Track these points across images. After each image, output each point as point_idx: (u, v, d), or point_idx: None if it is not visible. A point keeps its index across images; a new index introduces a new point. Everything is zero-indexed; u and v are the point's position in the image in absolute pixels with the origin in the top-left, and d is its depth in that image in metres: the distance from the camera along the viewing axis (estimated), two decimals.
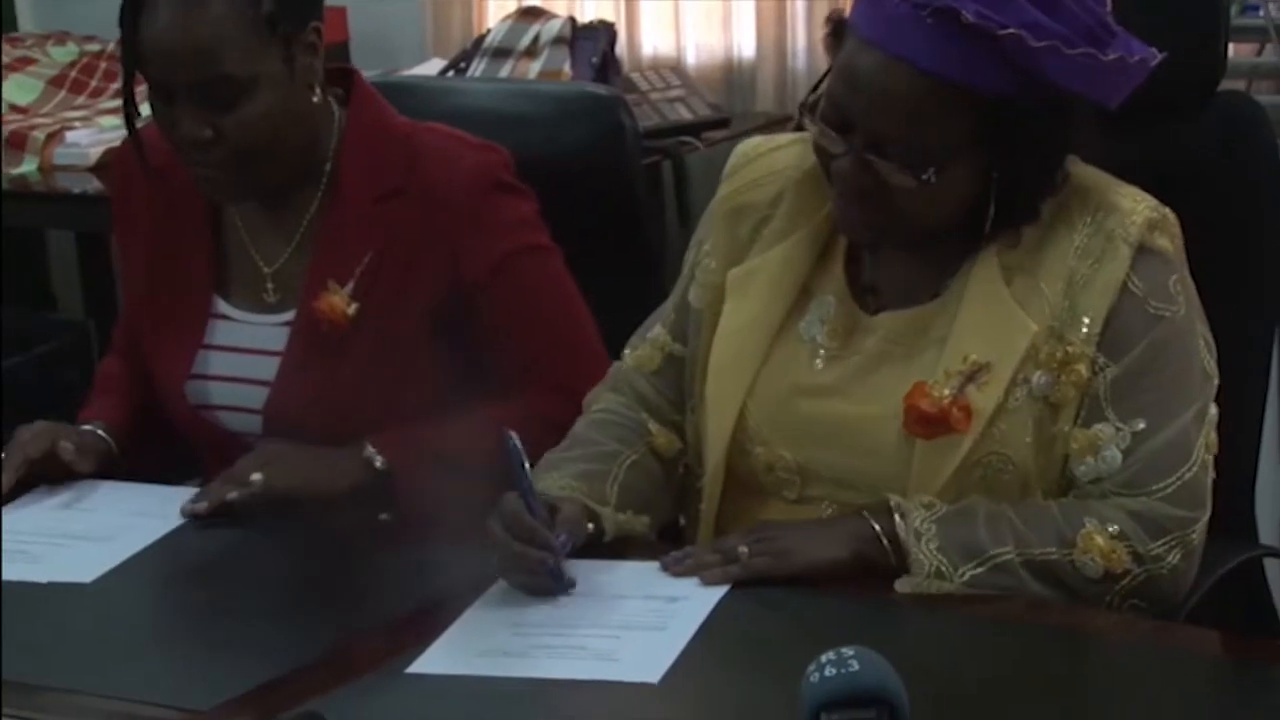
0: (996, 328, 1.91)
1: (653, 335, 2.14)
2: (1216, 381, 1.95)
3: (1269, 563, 2.33)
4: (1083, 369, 1.89)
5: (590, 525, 1.97)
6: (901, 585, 1.87)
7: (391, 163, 2.29)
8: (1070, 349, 1.89)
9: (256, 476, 2.15)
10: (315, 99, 2.26)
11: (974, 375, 1.90)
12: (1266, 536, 2.70)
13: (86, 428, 2.30)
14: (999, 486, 1.91)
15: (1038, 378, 1.90)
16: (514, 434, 1.88)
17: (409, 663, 1.77)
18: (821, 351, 2.00)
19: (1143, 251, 1.91)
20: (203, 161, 2.20)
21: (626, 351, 2.16)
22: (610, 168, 2.54)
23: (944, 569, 1.86)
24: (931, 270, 1.97)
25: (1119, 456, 1.89)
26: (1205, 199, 2.08)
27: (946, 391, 1.90)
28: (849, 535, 1.90)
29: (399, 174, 2.28)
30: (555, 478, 2.01)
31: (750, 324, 2.02)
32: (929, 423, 1.90)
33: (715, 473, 2.02)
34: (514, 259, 2.30)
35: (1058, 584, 1.87)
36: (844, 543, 1.89)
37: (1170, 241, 1.93)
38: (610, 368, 2.18)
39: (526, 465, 1.89)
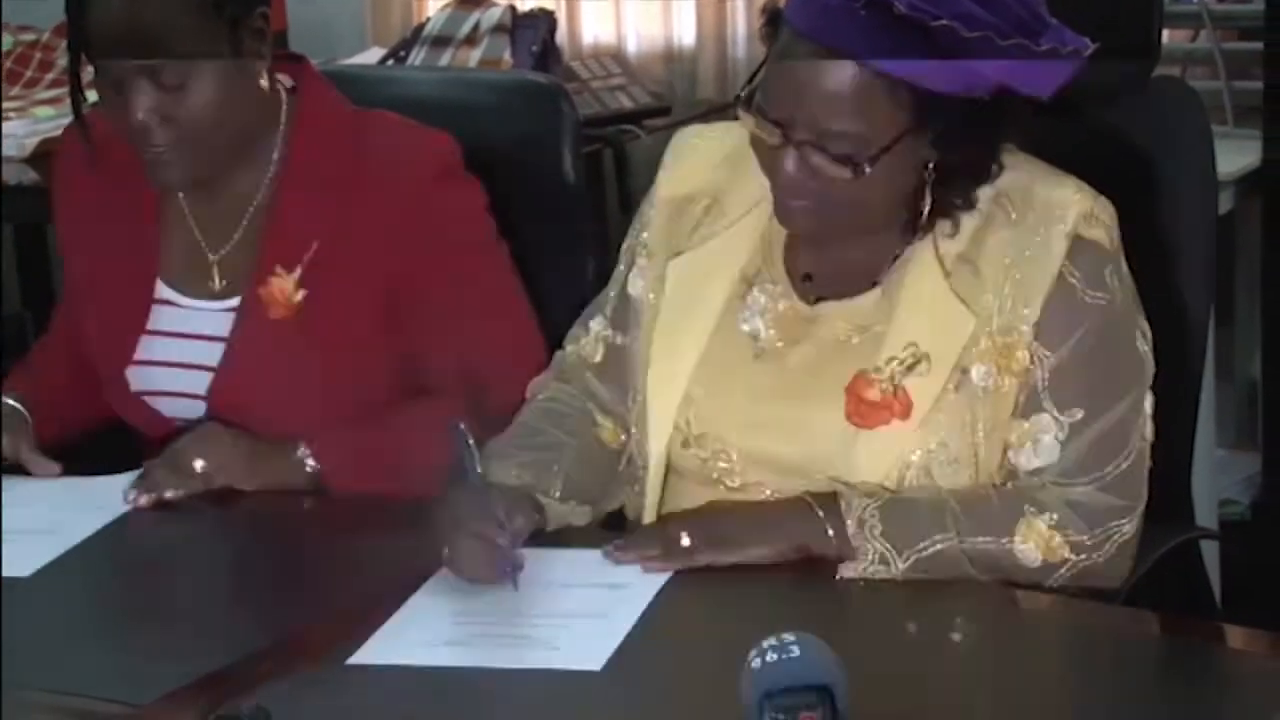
0: (936, 319, 1.92)
1: (594, 326, 2.14)
2: (1153, 370, 1.96)
3: (1205, 545, 2.35)
4: (1021, 359, 1.90)
5: (536, 515, 1.97)
6: (845, 571, 1.87)
7: (340, 150, 2.29)
8: (1009, 339, 1.90)
9: (198, 465, 2.14)
10: (263, 84, 2.25)
11: (914, 365, 1.91)
12: (1203, 519, 2.73)
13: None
14: (940, 476, 1.91)
15: (977, 368, 1.91)
16: (463, 424, 1.87)
17: (351, 654, 1.76)
18: (761, 342, 2.00)
19: (1079, 241, 1.91)
20: (152, 146, 2.20)
21: (568, 342, 2.16)
22: (551, 156, 2.53)
23: (887, 556, 1.86)
24: (870, 260, 1.98)
25: (1057, 446, 1.90)
26: (1141, 186, 2.09)
27: (887, 382, 1.90)
28: (791, 521, 1.91)
29: (347, 161, 2.28)
30: (501, 467, 2.00)
31: (690, 314, 2.02)
32: (870, 412, 1.90)
33: (657, 464, 2.02)
34: (458, 249, 2.29)
35: (997, 572, 1.88)
36: (786, 529, 1.90)
37: (1106, 231, 1.93)
38: (554, 357, 2.18)
39: (476, 456, 1.88)
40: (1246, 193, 3.26)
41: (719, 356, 2.01)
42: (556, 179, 2.56)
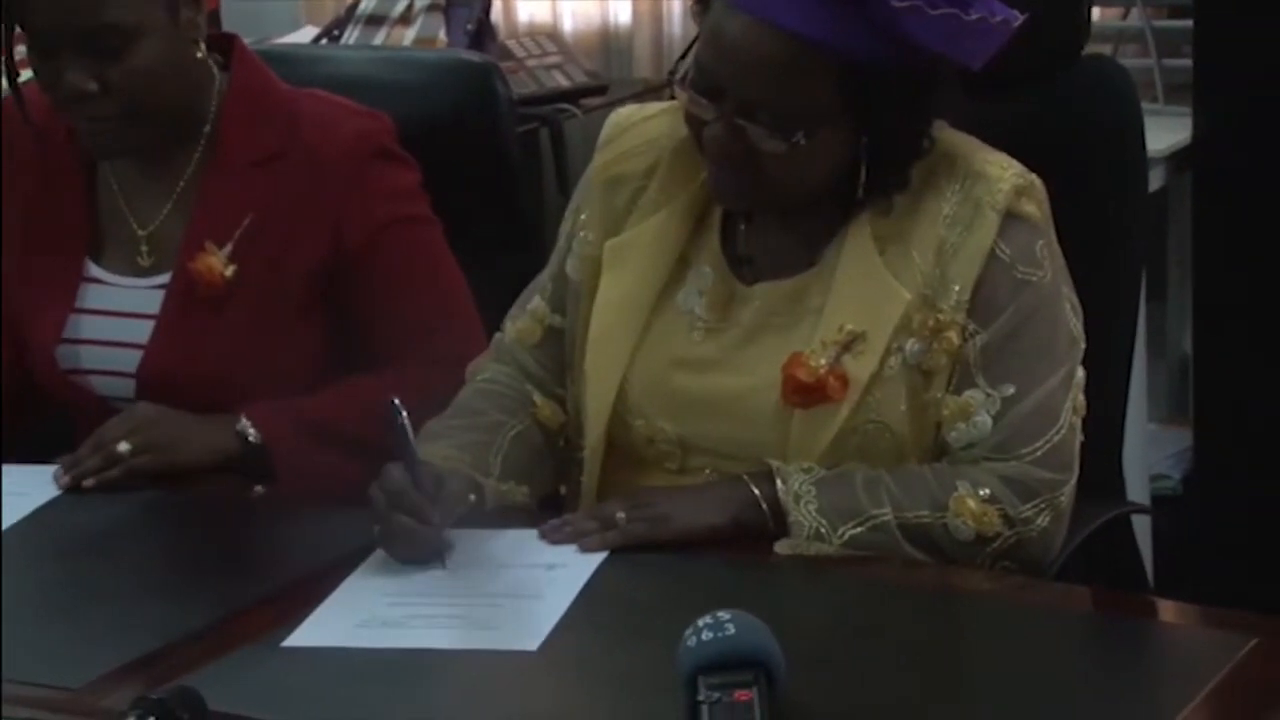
0: (870, 297, 1.92)
1: (532, 307, 2.13)
2: (1083, 345, 1.96)
3: (1136, 520, 2.36)
4: (953, 336, 1.90)
5: (472, 495, 1.96)
6: (781, 547, 1.88)
7: (272, 126, 2.27)
8: (941, 316, 1.90)
9: (123, 447, 2.12)
10: (199, 55, 2.24)
11: (849, 345, 1.91)
12: (1135, 494, 2.75)
13: None
14: (875, 453, 1.92)
15: (911, 345, 1.91)
16: (397, 403, 1.87)
17: (285, 636, 1.75)
18: (699, 323, 2.00)
19: (1009, 218, 1.92)
20: (88, 115, 2.18)
21: (506, 323, 2.15)
22: (485, 136, 2.53)
23: (823, 530, 1.87)
24: (806, 240, 1.98)
25: (989, 422, 1.91)
26: (1070, 163, 2.09)
27: (823, 361, 1.90)
28: (727, 499, 1.90)
29: (280, 137, 2.27)
30: (439, 447, 1.99)
31: (628, 296, 2.02)
32: (806, 392, 1.90)
33: (596, 445, 2.01)
34: (392, 228, 2.28)
35: (931, 546, 1.88)
36: (722, 507, 1.90)
37: (1037, 207, 1.94)
38: (492, 339, 2.17)
39: (411, 434, 1.87)
40: (1177, 169, 3.29)
41: (657, 338, 2.01)
42: (492, 159, 2.55)
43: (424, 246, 2.31)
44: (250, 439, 2.18)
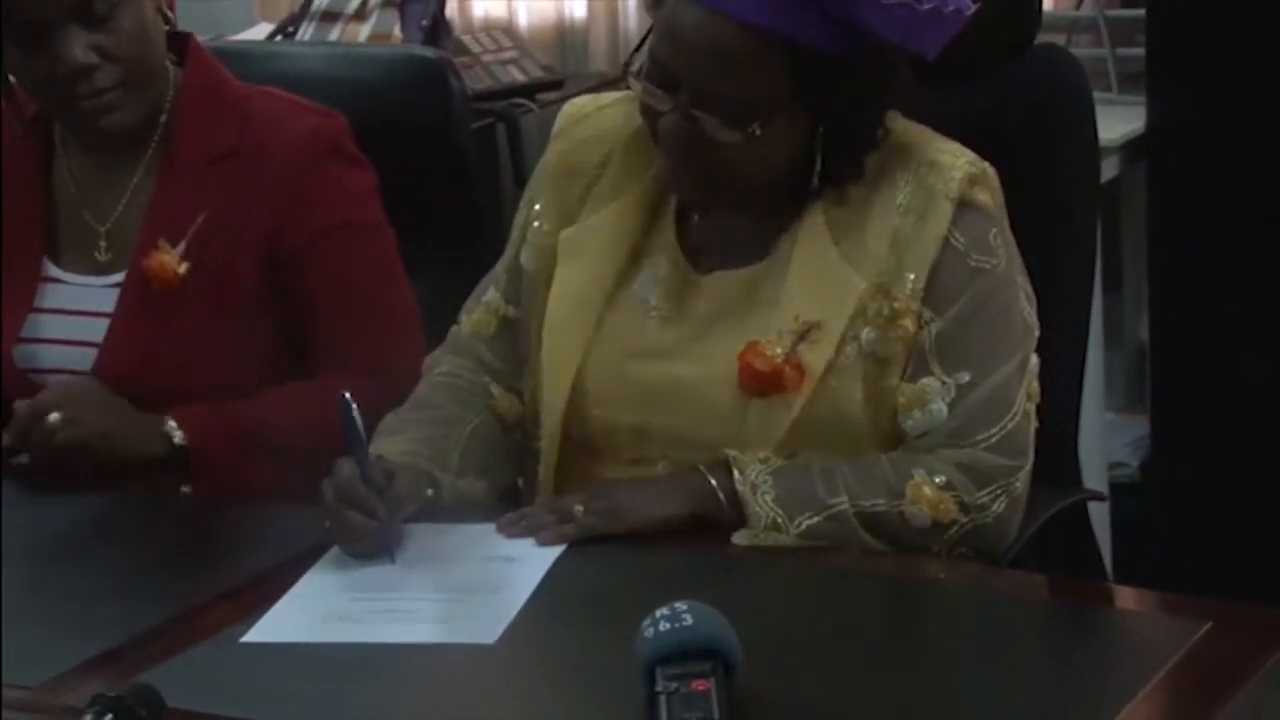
0: (826, 286, 1.92)
1: (487, 299, 2.13)
2: (1037, 332, 1.98)
3: (1095, 508, 2.37)
4: (909, 324, 1.92)
5: (430, 490, 1.97)
6: (739, 538, 1.88)
7: (226, 123, 2.27)
8: (896, 305, 1.91)
9: (54, 417, 2.11)
10: (166, 29, 2.25)
11: (805, 334, 1.92)
12: (1093, 482, 2.76)
13: None
14: (832, 443, 1.92)
15: (866, 334, 1.92)
16: (349, 395, 1.87)
17: (244, 631, 1.75)
18: (655, 314, 2.00)
19: (963, 206, 1.93)
20: (91, 89, 2.18)
21: (462, 316, 2.15)
22: (440, 131, 2.52)
23: (780, 520, 1.87)
24: (761, 230, 1.98)
25: (944, 409, 1.92)
26: (1023, 153, 2.10)
27: (779, 350, 1.91)
28: (684, 491, 1.91)
29: (233, 135, 2.26)
30: (396, 442, 2.00)
31: (583, 287, 2.02)
32: (763, 382, 1.91)
33: (553, 436, 2.02)
34: (333, 233, 2.27)
35: (888, 535, 1.89)
36: (679, 498, 1.91)
37: (990, 196, 1.95)
38: (449, 332, 2.17)
39: (361, 429, 1.87)
40: (1131, 158, 3.30)
41: (612, 329, 2.01)
42: (447, 154, 2.55)
43: (366, 253, 2.30)
44: (175, 441, 2.18)
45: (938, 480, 1.90)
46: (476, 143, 2.70)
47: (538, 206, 2.09)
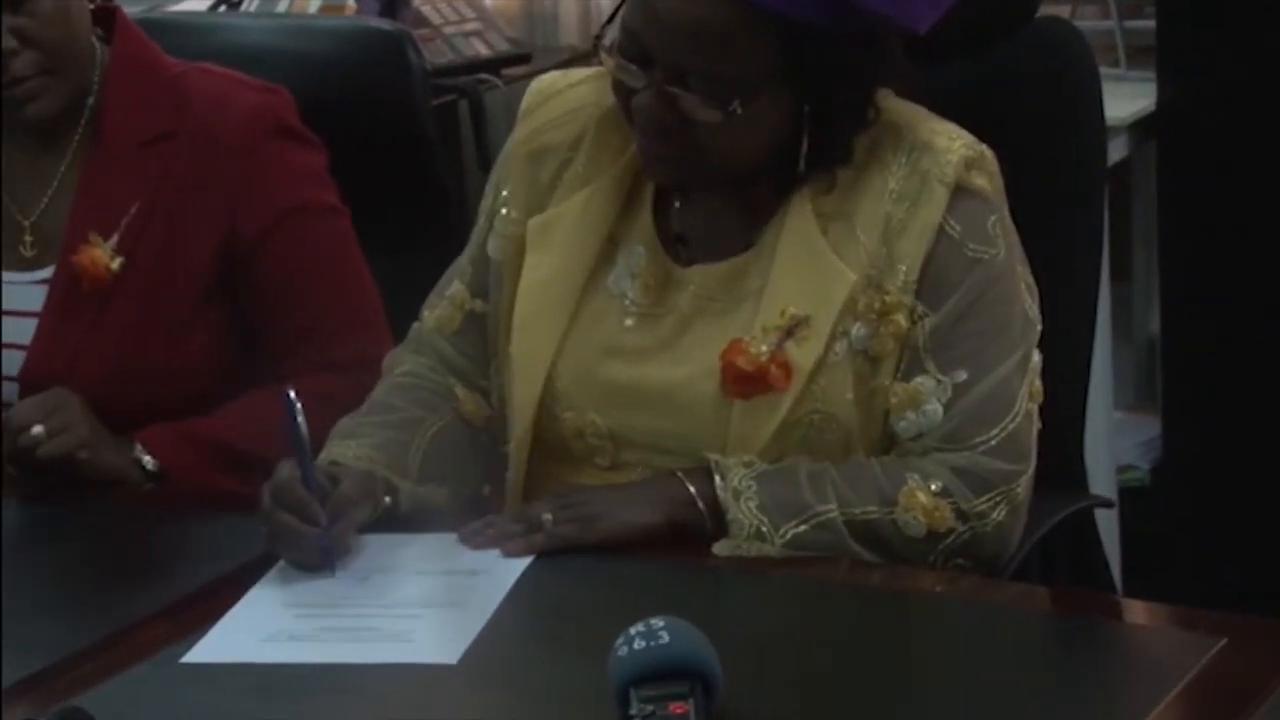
0: (814, 279, 1.93)
1: (451, 293, 2.13)
2: (1040, 327, 1.98)
3: (1103, 514, 2.38)
4: (901, 319, 1.92)
5: (388, 498, 1.97)
6: (720, 548, 1.88)
7: (160, 103, 2.27)
8: (888, 298, 1.92)
9: (38, 430, 2.11)
10: (91, 4, 2.24)
11: (792, 330, 1.92)
12: (1100, 486, 2.77)
13: None
14: (820, 446, 1.93)
15: (856, 330, 1.92)
16: (293, 394, 1.87)
17: (185, 651, 1.75)
18: (632, 308, 2.00)
19: (959, 192, 1.93)
20: (11, 77, 2.18)
21: (424, 311, 2.15)
22: (397, 110, 2.53)
23: (764, 529, 1.88)
24: (743, 219, 1.99)
25: (940, 410, 1.92)
26: (1023, 134, 2.11)
27: (764, 348, 1.91)
28: (661, 498, 1.91)
29: (168, 116, 2.26)
30: (351, 446, 2.00)
31: (554, 278, 2.02)
32: (747, 382, 1.91)
33: (522, 439, 2.02)
34: (292, 217, 2.28)
35: (880, 544, 1.89)
36: (656, 506, 1.91)
37: (988, 180, 1.95)
38: (410, 329, 2.16)
39: (304, 429, 1.87)
40: (1141, 139, 3.31)
41: (587, 323, 2.01)
42: (406, 135, 2.55)
43: (326, 239, 2.31)
44: (148, 467, 2.18)
45: (933, 486, 1.90)
46: (437, 122, 2.70)
47: (505, 192, 2.09)
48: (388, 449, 2.01)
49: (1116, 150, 3.15)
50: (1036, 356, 1.97)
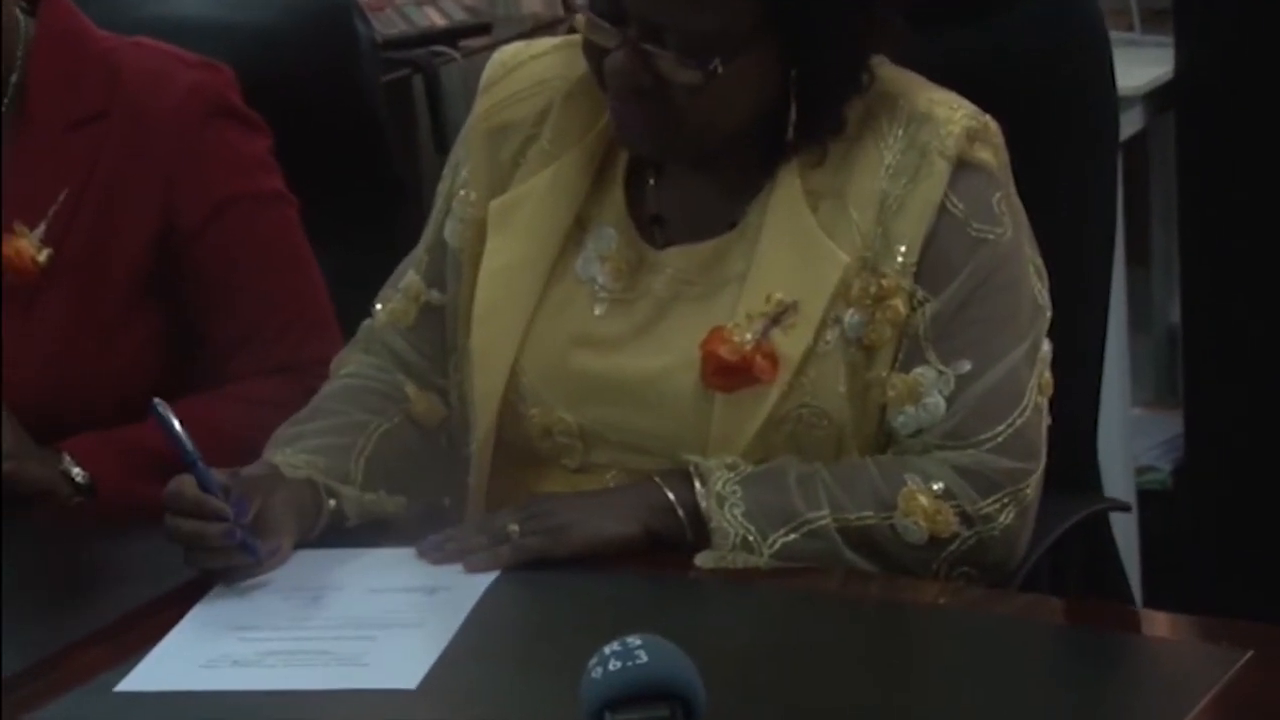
0: (803, 261, 1.93)
1: (405, 284, 2.13)
2: (1050, 313, 1.99)
3: (1120, 519, 2.39)
4: (899, 305, 1.92)
5: (332, 501, 1.97)
6: (704, 560, 1.89)
7: (90, 81, 2.27)
8: (885, 282, 1.92)
9: None
10: None
11: (779, 317, 1.92)
12: (1117, 489, 2.78)
13: None
14: (810, 444, 1.93)
15: (850, 317, 1.93)
16: (160, 401, 1.88)
17: (120, 678, 1.76)
18: (603, 294, 2.01)
19: (961, 167, 1.94)
20: None
21: (377, 306, 2.15)
22: (345, 86, 2.53)
23: (751, 538, 1.88)
24: (726, 197, 1.99)
25: (942, 404, 1.93)
26: (1029, 104, 2.12)
27: (748, 336, 1.92)
28: (637, 506, 1.92)
29: (99, 94, 2.26)
30: (286, 454, 2.00)
31: (518, 263, 2.02)
32: (730, 373, 1.92)
33: (485, 438, 2.02)
34: (234, 206, 2.28)
35: (878, 552, 1.90)
36: (631, 515, 1.91)
37: (993, 154, 1.96)
38: (360, 327, 2.17)
39: (180, 431, 1.88)
40: (1157, 109, 3.32)
41: (554, 311, 2.02)
42: (354, 113, 2.56)
43: (271, 230, 2.31)
44: (77, 479, 2.18)
45: (934, 488, 1.91)
46: (388, 100, 2.71)
47: (464, 172, 2.09)
48: (327, 454, 2.01)
49: (1130, 122, 3.16)
50: (1046, 346, 1.98)
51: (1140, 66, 3.22)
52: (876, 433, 1.95)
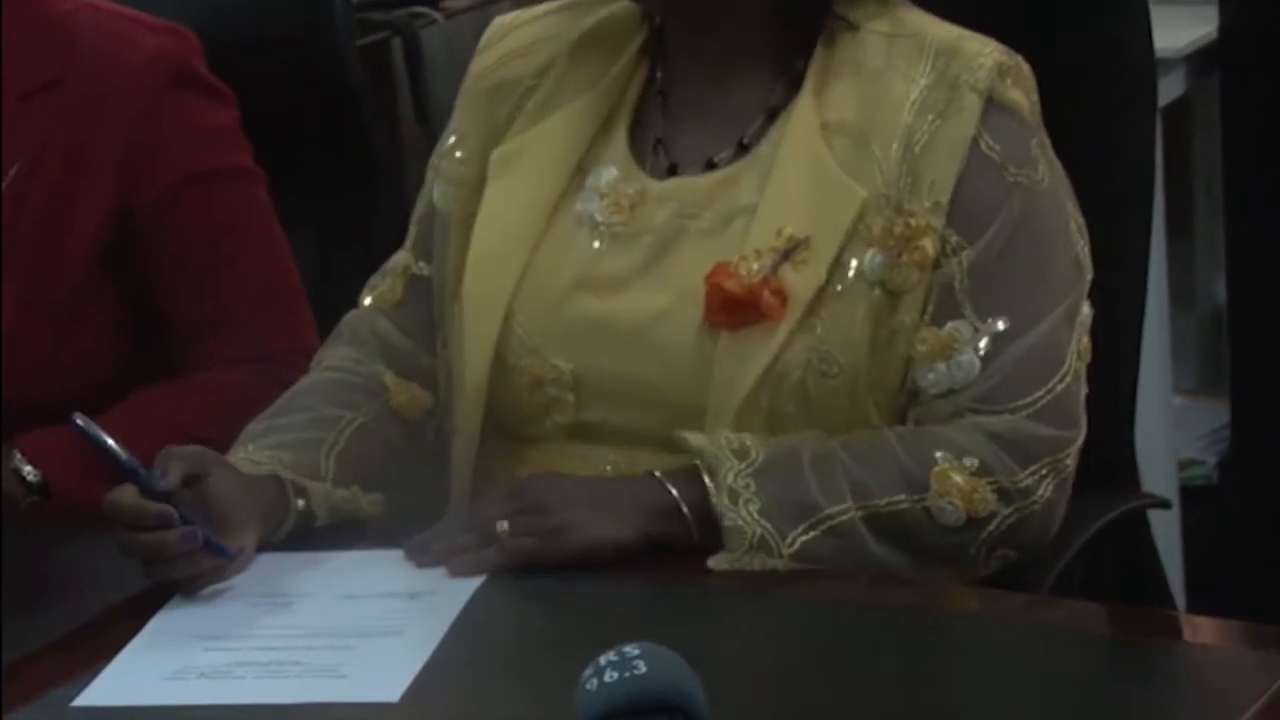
0: (816, 195, 1.95)
1: (393, 263, 2.15)
2: (1090, 275, 1.99)
3: (1160, 517, 2.39)
4: (928, 246, 1.93)
5: (300, 501, 1.98)
6: (717, 563, 1.88)
7: (44, 47, 2.28)
8: (913, 221, 1.94)
9: None
10: None
11: (790, 252, 1.94)
12: (1156, 484, 2.78)
13: None
14: (820, 396, 1.94)
15: (871, 257, 1.94)
16: (80, 416, 1.90)
17: (76, 693, 1.76)
18: (601, 229, 2.03)
19: (994, 105, 1.95)
20: None
21: (365, 294, 2.16)
22: (317, 51, 2.53)
23: (769, 537, 1.88)
24: (736, 124, 2.02)
25: (976, 362, 1.93)
26: (1059, 67, 2.11)
27: (755, 268, 1.93)
28: (638, 507, 1.92)
29: (54, 62, 2.27)
30: (250, 450, 2.01)
31: (515, 210, 2.05)
32: (735, 309, 1.93)
33: (475, 393, 2.02)
34: (198, 183, 2.29)
35: (910, 540, 1.90)
36: (632, 517, 1.91)
37: (1025, 96, 1.98)
38: (341, 321, 2.18)
39: (113, 445, 1.89)
40: (1201, 72, 3.32)
41: (552, 254, 2.04)
42: (328, 80, 2.56)
43: (238, 208, 2.32)
44: (29, 479, 2.18)
45: (969, 464, 1.91)
46: (365, 64, 2.71)
47: (455, 138, 2.11)
48: (295, 448, 2.03)
49: (1171, 86, 3.16)
50: (1087, 308, 1.99)
51: (1181, 26, 3.23)
52: (896, 390, 1.96)
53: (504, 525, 1.91)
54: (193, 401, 2.21)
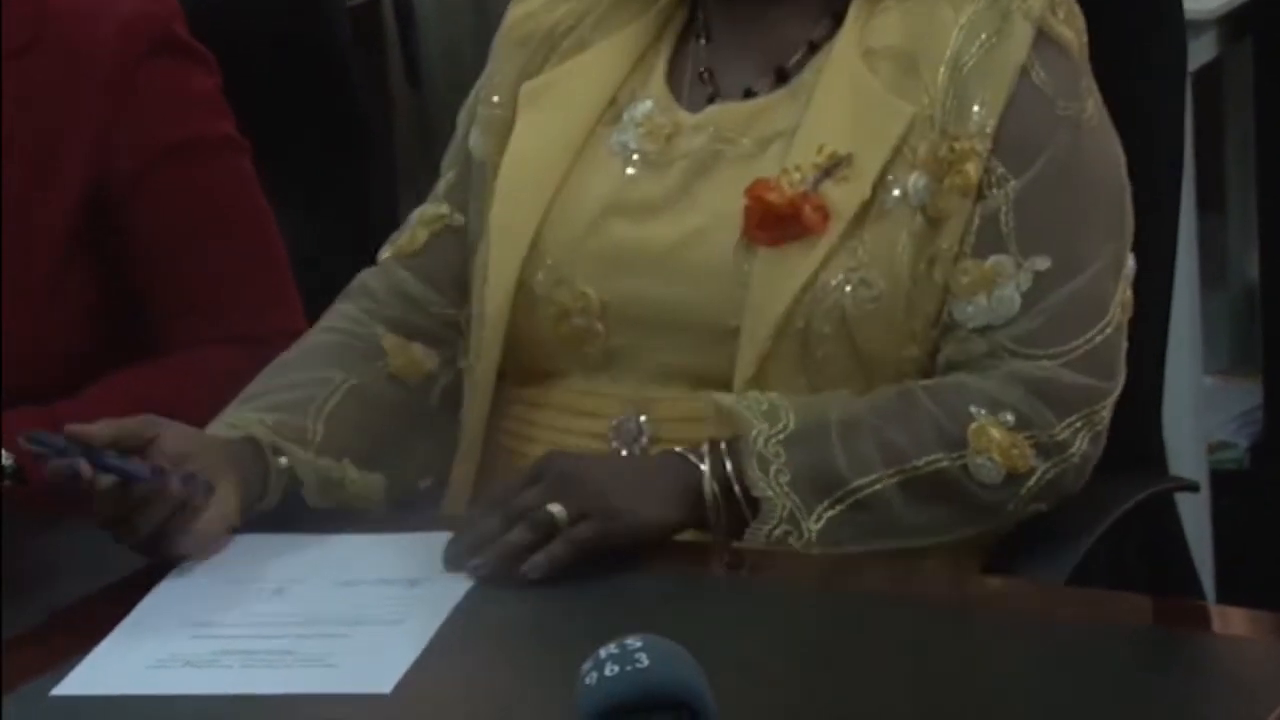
0: (860, 114, 1.98)
1: (416, 215, 2.16)
2: (1134, 223, 2.01)
3: (1189, 501, 2.39)
4: (971, 171, 1.95)
5: (283, 460, 1.98)
6: (752, 537, 1.89)
7: (12, 12, 2.27)
8: (958, 144, 1.96)
9: None
10: None
11: (832, 169, 1.96)
12: (1186, 467, 2.78)
13: None
14: (857, 321, 1.95)
15: (915, 180, 1.96)
16: (29, 433, 1.91)
17: (56, 682, 1.77)
18: (635, 157, 2.05)
19: (1044, 37, 1.98)
20: None
21: (382, 250, 2.17)
22: (305, 12, 2.53)
23: (797, 511, 1.89)
24: (779, 42, 2.05)
25: (1016, 299, 1.95)
26: (1085, 30, 2.13)
27: (797, 180, 1.95)
28: (677, 484, 1.92)
29: (26, 26, 2.27)
30: (230, 417, 2.01)
31: (545, 140, 2.07)
32: (776, 222, 1.95)
33: (496, 321, 2.03)
34: (179, 154, 2.29)
35: (946, 498, 1.92)
36: (673, 497, 1.91)
37: (1076, 36, 2.01)
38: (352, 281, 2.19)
39: (55, 443, 1.89)
40: (1233, 36, 3.32)
41: (583, 179, 2.06)
42: (316, 44, 2.55)
43: (221, 180, 2.32)
44: (4, 463, 2.19)
45: (1005, 419, 1.92)
46: (355, 26, 2.71)
47: (487, 83, 2.15)
48: (280, 410, 2.03)
49: (1201, 51, 3.16)
50: (1131, 261, 2.01)
51: None
52: (932, 322, 1.97)
53: (559, 510, 1.87)
54: (179, 382, 2.21)
